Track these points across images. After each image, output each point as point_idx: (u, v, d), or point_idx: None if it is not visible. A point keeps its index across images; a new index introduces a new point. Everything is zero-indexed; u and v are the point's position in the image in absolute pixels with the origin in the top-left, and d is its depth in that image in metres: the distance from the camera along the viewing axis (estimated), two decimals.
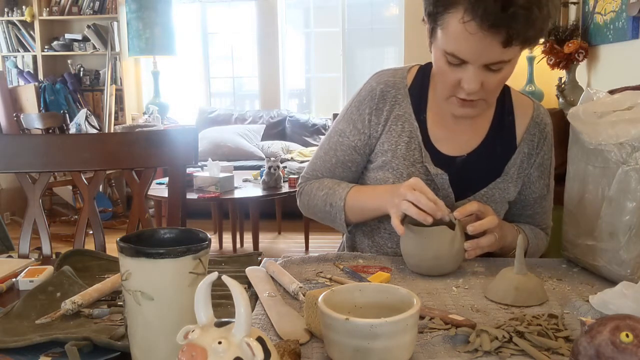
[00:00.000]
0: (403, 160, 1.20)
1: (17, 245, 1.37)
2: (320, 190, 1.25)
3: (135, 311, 0.64)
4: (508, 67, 1.07)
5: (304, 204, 1.30)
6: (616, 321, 0.58)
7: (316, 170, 1.30)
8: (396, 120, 1.22)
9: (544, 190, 1.26)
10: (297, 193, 1.33)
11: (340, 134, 1.26)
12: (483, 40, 1.00)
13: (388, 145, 1.22)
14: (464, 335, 0.76)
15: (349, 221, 1.22)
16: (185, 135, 1.38)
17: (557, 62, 3.87)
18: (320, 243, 4.14)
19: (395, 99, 1.23)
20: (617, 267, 0.97)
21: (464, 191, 1.20)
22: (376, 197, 1.16)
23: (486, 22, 0.98)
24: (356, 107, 1.25)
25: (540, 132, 1.23)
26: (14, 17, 5.40)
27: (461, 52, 1.04)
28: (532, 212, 1.28)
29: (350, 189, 1.21)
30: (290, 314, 0.86)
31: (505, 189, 1.21)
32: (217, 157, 4.43)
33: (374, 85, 1.25)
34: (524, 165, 1.23)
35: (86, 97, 5.51)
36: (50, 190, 4.64)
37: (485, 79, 1.07)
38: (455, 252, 1.03)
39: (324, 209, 1.24)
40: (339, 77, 5.65)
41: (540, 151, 1.23)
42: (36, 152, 1.37)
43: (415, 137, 1.21)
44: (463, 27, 1.00)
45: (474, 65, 1.05)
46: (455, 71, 1.07)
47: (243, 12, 5.67)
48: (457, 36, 1.03)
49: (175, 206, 1.37)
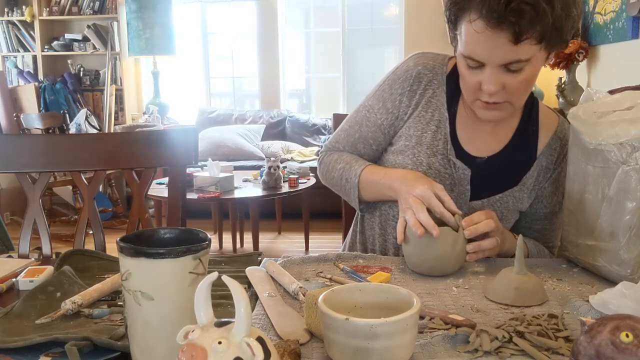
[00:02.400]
0: (427, 148, 1.19)
1: (17, 245, 1.37)
2: (337, 164, 1.26)
3: (135, 311, 0.64)
4: (529, 68, 1.05)
5: (322, 174, 1.33)
6: (616, 321, 0.58)
7: (339, 142, 1.31)
8: (427, 107, 1.21)
9: (556, 207, 1.24)
10: (317, 161, 1.36)
11: (368, 110, 1.26)
12: (492, 38, 1.01)
13: (414, 131, 1.21)
14: (464, 335, 0.76)
15: (362, 198, 1.23)
16: (185, 135, 1.38)
17: (557, 62, 3.86)
18: (320, 243, 4.14)
19: (430, 83, 1.21)
20: (617, 267, 0.97)
21: (480, 193, 1.20)
22: (387, 183, 1.16)
23: (491, 20, 0.99)
24: (389, 85, 1.24)
25: (562, 147, 1.21)
26: (14, 17, 5.40)
27: (475, 53, 1.05)
28: (541, 228, 1.27)
29: (366, 166, 1.21)
30: (290, 314, 0.86)
31: (520, 198, 1.20)
32: (217, 157, 4.43)
33: (411, 65, 1.23)
34: (540, 178, 1.22)
35: (86, 97, 5.51)
36: (50, 190, 4.64)
37: (506, 80, 1.06)
38: (457, 254, 1.03)
39: (339, 182, 1.26)
40: (339, 77, 5.65)
41: (558, 167, 1.22)
42: (36, 152, 1.37)
43: (443, 128, 1.20)
44: (472, 27, 1.02)
45: (490, 66, 1.05)
46: (475, 74, 1.08)
47: (243, 12, 5.67)
48: (469, 38, 1.04)
49: (175, 206, 1.37)
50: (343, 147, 1.30)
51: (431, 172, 1.18)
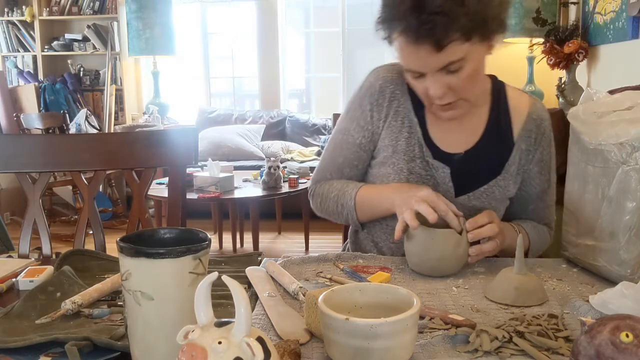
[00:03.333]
0: (403, 155, 1.21)
1: (17, 245, 1.37)
2: (330, 192, 1.27)
3: (135, 311, 0.64)
4: (468, 64, 1.06)
5: (317, 206, 1.33)
6: (616, 321, 0.58)
7: (325, 172, 1.31)
8: (396, 116, 1.23)
9: (545, 184, 1.26)
10: (309, 196, 1.35)
11: (344, 133, 1.27)
12: (418, 51, 1.04)
13: (389, 141, 1.23)
14: (464, 335, 0.76)
15: (360, 220, 1.24)
16: (185, 135, 1.38)
17: (557, 62, 3.87)
18: (320, 243, 4.14)
19: (394, 94, 1.23)
20: (617, 267, 0.97)
21: (464, 188, 1.20)
22: (383, 198, 1.17)
23: (410, 37, 1.03)
24: (358, 104, 1.26)
25: (538, 127, 1.22)
26: (14, 17, 5.40)
27: (410, 66, 1.10)
28: (535, 207, 1.28)
29: (359, 188, 1.22)
30: (290, 314, 0.86)
31: (505, 186, 1.21)
32: (217, 157, 4.43)
33: (372, 80, 1.25)
34: (522, 162, 1.22)
35: (86, 97, 5.50)
36: (50, 190, 4.64)
37: (449, 81, 1.08)
38: (459, 256, 1.03)
39: (336, 210, 1.26)
40: (339, 77, 5.65)
41: (539, 147, 1.23)
42: (36, 152, 1.37)
43: (415, 132, 1.21)
44: (398, 44, 1.07)
45: (429, 73, 1.08)
46: (420, 82, 1.11)
47: (243, 12, 5.67)
48: (400, 53, 1.10)
49: (175, 206, 1.37)
50: (331, 176, 1.30)
51: (413, 177, 1.20)
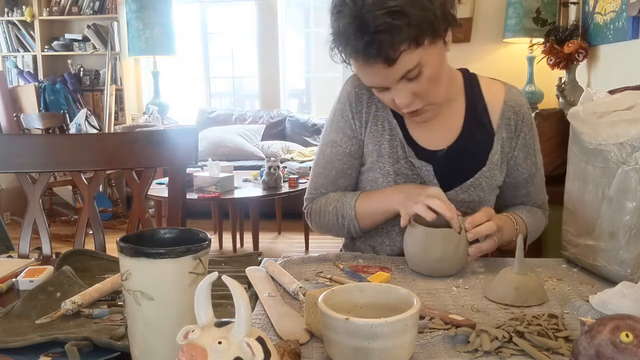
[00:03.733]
0: (388, 158, 1.21)
1: (17, 245, 1.37)
2: (328, 206, 1.25)
3: (135, 311, 0.64)
4: (428, 67, 1.06)
5: (315, 222, 1.30)
6: (616, 321, 0.58)
7: (318, 187, 1.29)
8: (375, 120, 1.23)
9: (533, 168, 1.26)
10: (305, 215, 1.32)
11: (332, 145, 1.26)
12: (372, 69, 1.05)
13: (372, 146, 1.23)
14: (464, 335, 0.76)
15: (362, 228, 1.23)
16: (185, 135, 1.38)
17: (557, 62, 3.87)
18: (320, 243, 4.14)
19: (371, 99, 1.23)
20: (617, 267, 0.97)
21: (451, 183, 1.21)
22: (385, 200, 1.17)
23: (359, 59, 1.05)
24: (340, 115, 1.26)
25: (516, 114, 1.22)
26: (14, 17, 5.40)
27: (370, 82, 1.11)
28: (526, 192, 1.28)
29: (358, 196, 1.22)
30: (290, 314, 0.86)
31: (491, 176, 1.22)
32: (217, 157, 4.42)
33: (349, 89, 1.26)
34: (505, 150, 1.23)
35: (86, 97, 5.50)
36: (50, 190, 4.64)
37: (413, 88, 1.08)
38: (459, 257, 1.03)
39: (336, 222, 1.24)
40: (339, 77, 5.64)
41: (521, 132, 1.23)
42: (36, 152, 1.37)
43: (397, 134, 1.22)
44: (353, 65, 1.08)
45: (391, 85, 1.08)
46: (385, 94, 1.12)
47: (243, 12, 5.67)
48: (358, 72, 1.12)
49: (175, 206, 1.37)
50: (325, 190, 1.28)
51: (400, 178, 1.20)
